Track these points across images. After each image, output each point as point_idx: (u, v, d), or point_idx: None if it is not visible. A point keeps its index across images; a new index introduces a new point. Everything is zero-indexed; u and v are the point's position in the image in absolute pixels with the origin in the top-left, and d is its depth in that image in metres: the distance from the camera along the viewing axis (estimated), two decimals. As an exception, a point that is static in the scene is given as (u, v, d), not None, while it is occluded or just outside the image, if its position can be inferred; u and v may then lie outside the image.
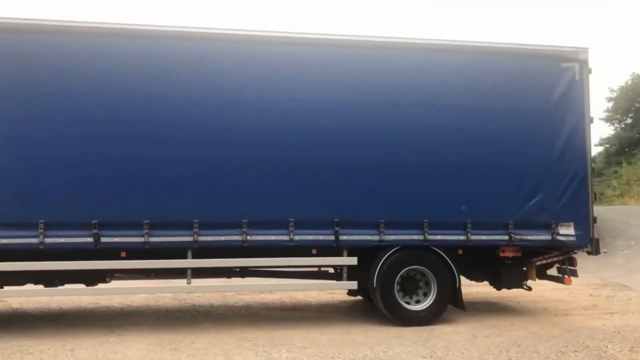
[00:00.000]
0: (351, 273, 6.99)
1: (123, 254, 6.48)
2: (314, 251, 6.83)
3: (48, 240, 6.20)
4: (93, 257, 6.40)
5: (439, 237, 6.93)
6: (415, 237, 6.88)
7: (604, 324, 6.95)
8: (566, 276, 7.41)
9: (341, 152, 6.77)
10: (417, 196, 6.91)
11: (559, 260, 7.45)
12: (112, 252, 6.43)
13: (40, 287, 6.73)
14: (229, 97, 6.61)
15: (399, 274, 6.92)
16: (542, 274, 7.68)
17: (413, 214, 6.88)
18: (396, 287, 6.92)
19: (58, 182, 6.26)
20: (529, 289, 7.61)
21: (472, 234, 6.96)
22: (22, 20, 6.42)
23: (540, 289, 9.65)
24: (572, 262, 7.45)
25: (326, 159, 6.74)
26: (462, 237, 6.96)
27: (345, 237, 6.75)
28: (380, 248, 6.87)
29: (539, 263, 7.34)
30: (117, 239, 6.34)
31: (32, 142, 6.23)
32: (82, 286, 6.83)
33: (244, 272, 7.19)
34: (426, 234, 6.86)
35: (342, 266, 6.91)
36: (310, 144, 6.72)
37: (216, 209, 6.53)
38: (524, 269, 7.51)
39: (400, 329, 6.66)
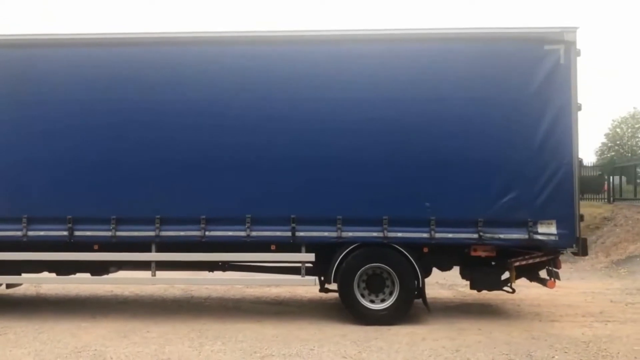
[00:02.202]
0: (314, 269, 7.01)
1: (96, 247, 7.04)
2: (273, 247, 6.91)
3: (31, 233, 6.92)
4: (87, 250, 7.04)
5: (399, 235, 6.68)
6: (375, 234, 6.69)
7: (583, 333, 6.28)
8: (550, 279, 6.79)
9: (297, 149, 6.76)
10: (376, 192, 6.71)
11: (542, 262, 6.84)
12: (86, 245, 7.00)
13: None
14: (185, 99, 6.88)
15: (359, 272, 6.78)
16: (533, 276, 7.10)
17: (372, 210, 6.70)
18: (357, 285, 6.79)
19: (39, 182, 6.94)
20: (512, 291, 7.07)
21: (436, 232, 6.63)
22: (16, 35, 7.22)
23: (563, 292, 8.98)
24: (556, 263, 6.81)
25: (282, 156, 6.78)
26: (425, 235, 6.65)
27: (302, 234, 6.75)
28: (339, 245, 6.78)
29: (517, 264, 6.77)
30: (88, 233, 6.91)
31: (17, 147, 6.97)
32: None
33: (225, 265, 7.45)
34: (385, 231, 6.66)
35: (301, 262, 6.91)
36: (264, 141, 6.78)
37: (176, 206, 6.84)
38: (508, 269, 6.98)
39: (357, 328, 6.55)
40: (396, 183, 6.70)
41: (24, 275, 7.47)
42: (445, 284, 9.65)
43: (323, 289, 7.40)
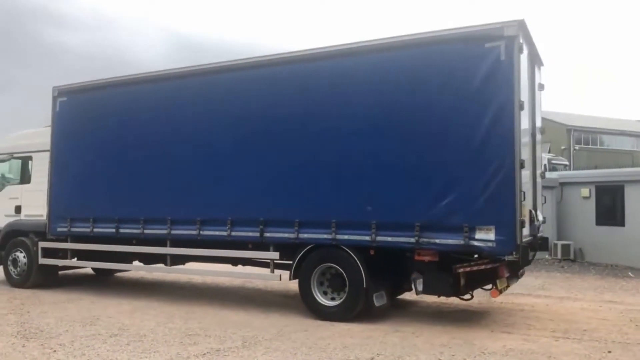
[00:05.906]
0: (286, 267, 7.84)
1: (134, 242, 8.99)
2: (250, 245, 7.94)
3: (95, 229, 9.21)
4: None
5: (346, 237, 7.09)
6: (325, 236, 7.21)
7: (504, 345, 5.87)
8: (493, 288, 6.44)
9: (265, 158, 7.71)
10: (326, 197, 7.24)
11: (487, 269, 6.48)
12: (128, 240, 9.00)
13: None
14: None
15: (315, 271, 7.36)
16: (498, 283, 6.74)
17: (323, 214, 7.24)
18: (314, 283, 7.38)
19: (99, 193, 9.19)
20: (468, 297, 6.81)
21: (377, 235, 6.87)
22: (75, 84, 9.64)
23: (595, 306, 8.18)
24: (498, 272, 6.40)
25: (253, 165, 7.80)
26: (367, 238, 6.93)
27: (268, 235, 7.65)
28: (299, 245, 7.47)
29: (462, 270, 6.55)
30: (127, 230, 8.89)
31: (83, 167, 9.38)
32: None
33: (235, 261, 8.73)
34: (334, 233, 7.14)
35: (270, 259, 7.79)
36: (240, 152, 7.89)
37: (180, 210, 8.37)
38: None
39: (309, 322, 7.14)
40: (342, 187, 7.14)
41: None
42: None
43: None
